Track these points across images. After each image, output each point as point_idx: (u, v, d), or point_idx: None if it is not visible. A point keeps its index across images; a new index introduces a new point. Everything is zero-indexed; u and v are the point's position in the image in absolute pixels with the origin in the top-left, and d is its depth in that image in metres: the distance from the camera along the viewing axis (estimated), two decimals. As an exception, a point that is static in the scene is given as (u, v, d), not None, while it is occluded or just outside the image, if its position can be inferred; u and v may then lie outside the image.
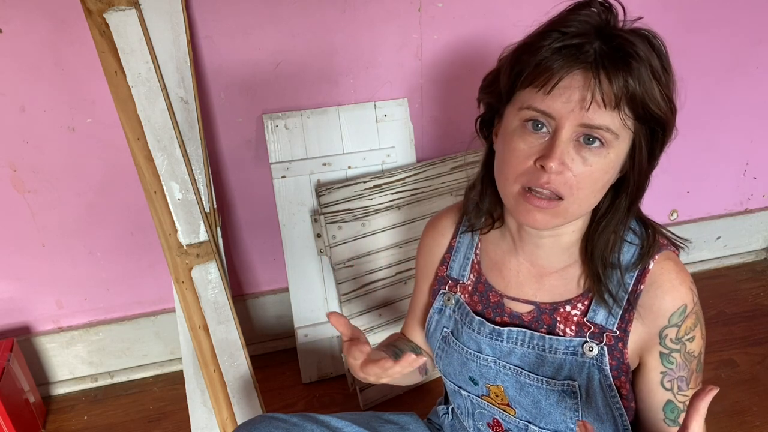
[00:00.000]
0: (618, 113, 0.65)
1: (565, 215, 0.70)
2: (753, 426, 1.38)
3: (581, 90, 0.65)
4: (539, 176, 0.68)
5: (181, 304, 1.31)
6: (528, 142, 0.69)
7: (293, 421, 0.88)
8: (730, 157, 1.83)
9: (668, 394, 0.76)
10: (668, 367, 0.75)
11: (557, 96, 0.65)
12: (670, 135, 0.70)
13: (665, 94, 0.66)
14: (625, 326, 0.75)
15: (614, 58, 0.64)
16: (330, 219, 1.39)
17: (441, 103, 1.52)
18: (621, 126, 0.66)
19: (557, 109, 0.66)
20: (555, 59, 0.65)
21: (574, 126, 0.66)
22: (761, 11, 1.61)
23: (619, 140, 0.67)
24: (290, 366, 1.62)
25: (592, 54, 0.64)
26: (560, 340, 0.77)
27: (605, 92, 0.64)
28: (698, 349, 0.76)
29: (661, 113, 0.66)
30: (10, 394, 1.34)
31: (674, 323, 0.73)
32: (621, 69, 0.63)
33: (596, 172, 0.67)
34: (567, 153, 0.67)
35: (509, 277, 0.82)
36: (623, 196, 0.73)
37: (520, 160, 0.69)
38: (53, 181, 1.38)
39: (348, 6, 1.35)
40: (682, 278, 0.74)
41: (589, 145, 0.67)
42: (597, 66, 0.64)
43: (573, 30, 0.65)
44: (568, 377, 0.77)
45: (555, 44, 0.65)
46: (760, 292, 1.85)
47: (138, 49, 1.21)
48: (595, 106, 0.64)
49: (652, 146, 0.70)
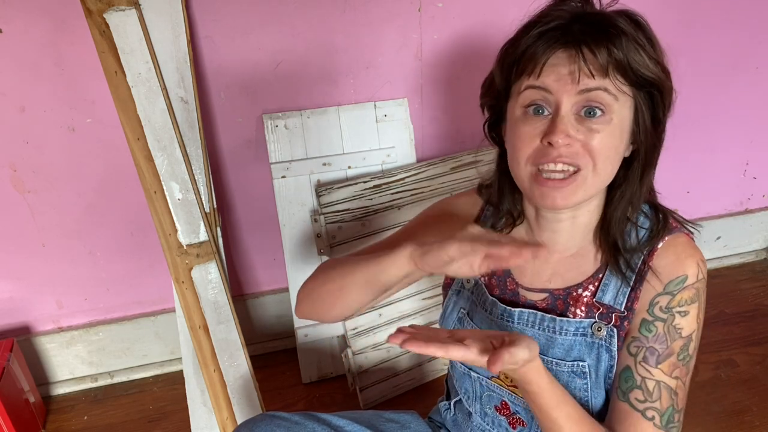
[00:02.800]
0: (610, 80, 0.68)
1: (585, 187, 0.71)
2: (753, 426, 1.38)
3: (568, 65, 0.68)
4: (549, 152, 0.70)
5: (181, 304, 1.31)
6: (532, 124, 0.71)
7: (294, 420, 0.88)
8: (730, 157, 1.83)
9: (629, 359, 0.75)
10: (643, 334, 0.74)
11: (547, 75, 0.69)
12: (669, 97, 0.72)
13: (654, 58, 0.69)
14: (632, 305, 0.75)
15: (594, 33, 0.67)
16: (330, 219, 1.39)
17: (441, 103, 1.53)
18: (617, 91, 0.68)
19: (550, 84, 0.69)
20: (538, 44, 0.69)
21: (572, 97, 0.68)
22: (761, 11, 1.61)
23: (618, 103, 0.69)
24: (290, 366, 1.62)
25: (572, 33, 0.68)
26: (570, 321, 0.78)
27: (591, 63, 0.67)
28: (689, 329, 0.73)
29: (654, 75, 0.69)
30: (10, 394, 1.34)
31: (669, 291, 0.73)
32: (603, 41, 0.66)
33: (605, 138, 0.69)
34: (571, 125, 0.69)
35: (526, 264, 0.83)
36: (635, 165, 0.74)
37: (528, 141, 0.71)
38: (53, 181, 1.38)
39: (348, 6, 1.35)
40: (690, 252, 0.75)
41: (591, 117, 0.69)
42: (578, 42, 0.67)
43: (552, 18, 0.69)
44: (577, 358, 0.77)
45: (536, 31, 0.69)
46: (760, 292, 1.85)
47: (138, 49, 1.21)
48: (584, 77, 0.67)
49: (654, 110, 0.72)
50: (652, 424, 0.73)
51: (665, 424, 0.73)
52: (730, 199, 1.91)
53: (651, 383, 0.73)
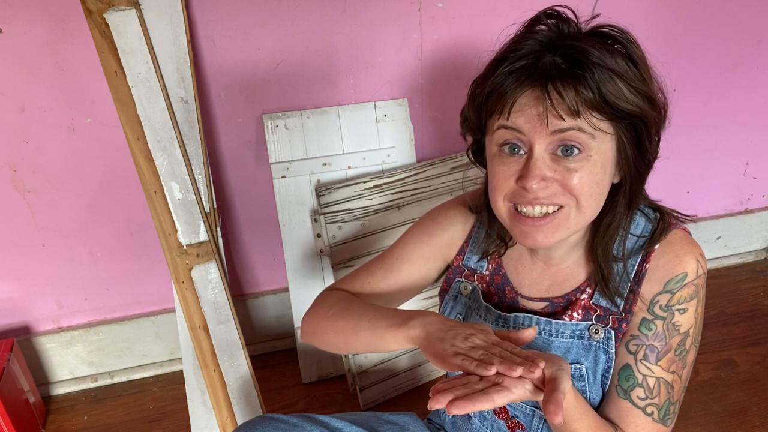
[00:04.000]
0: (584, 119, 0.64)
1: (568, 224, 0.69)
2: (753, 426, 1.38)
3: (537, 107, 0.65)
4: (525, 195, 0.68)
5: (181, 304, 1.31)
6: (507, 164, 0.69)
7: (293, 422, 0.88)
8: (730, 157, 1.83)
9: (629, 357, 0.74)
10: (643, 333, 0.73)
11: (517, 116, 0.66)
12: (655, 126, 0.68)
13: (635, 87, 0.64)
14: (630, 307, 0.75)
15: (563, 71, 0.63)
16: (330, 219, 1.39)
17: (441, 103, 1.52)
18: (593, 129, 0.65)
19: (521, 125, 0.66)
20: (506, 84, 0.66)
21: (545, 138, 0.66)
22: (761, 11, 1.61)
23: (597, 140, 0.66)
24: (290, 366, 1.62)
25: (540, 71, 0.64)
26: (567, 324, 0.77)
27: (558, 105, 0.63)
28: (687, 325, 0.73)
29: (633, 107, 0.65)
30: (10, 394, 1.34)
31: (669, 289, 0.73)
32: (571, 81, 0.63)
33: (584, 176, 0.67)
34: (547, 167, 0.67)
35: (523, 274, 0.83)
36: (621, 194, 0.73)
37: (503, 181, 0.70)
38: (53, 181, 1.38)
39: (348, 6, 1.35)
40: (689, 248, 0.74)
41: (568, 156, 0.66)
42: (546, 81, 0.64)
43: (523, 51, 0.66)
44: (575, 361, 0.77)
45: (506, 68, 0.66)
46: (760, 292, 1.85)
47: (138, 49, 1.21)
48: (553, 119, 0.64)
49: (638, 140, 0.68)
50: (651, 419, 0.73)
51: (662, 417, 0.74)
52: (730, 199, 1.91)
53: (652, 380, 0.73)
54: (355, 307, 0.81)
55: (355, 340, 0.77)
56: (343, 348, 0.83)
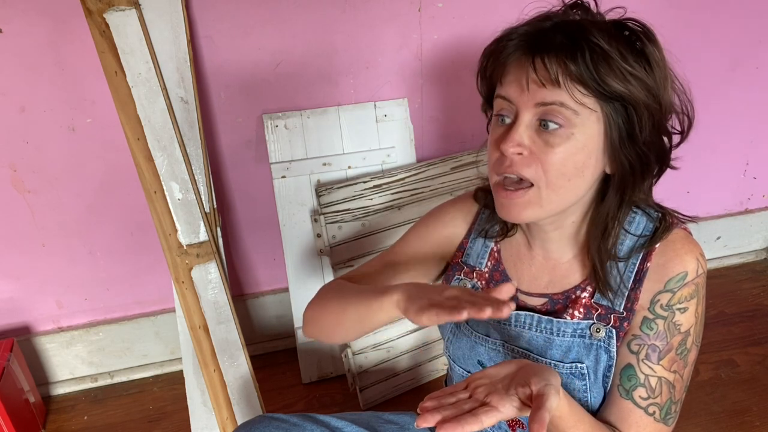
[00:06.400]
0: (567, 93, 0.65)
1: (540, 203, 0.70)
2: (753, 426, 1.38)
3: (524, 75, 0.67)
4: (502, 161, 0.70)
5: (181, 304, 1.31)
6: (496, 132, 0.71)
7: (293, 422, 0.88)
8: (730, 157, 1.83)
9: (631, 357, 0.74)
10: (644, 332, 0.74)
11: (510, 83, 0.68)
12: (649, 115, 0.67)
13: (628, 71, 0.64)
14: (631, 305, 0.75)
15: (556, 44, 0.64)
16: (330, 219, 1.39)
17: (441, 103, 1.53)
18: (577, 103, 0.65)
19: (511, 94, 0.68)
20: (506, 50, 0.69)
21: (530, 108, 0.67)
22: (761, 11, 1.61)
23: (581, 117, 0.66)
24: (290, 366, 1.62)
25: (536, 41, 0.66)
26: (568, 323, 0.77)
27: (540, 72, 0.65)
28: (687, 324, 0.73)
29: (622, 88, 0.64)
30: (10, 394, 1.34)
31: (669, 288, 0.73)
32: (560, 53, 0.64)
33: (560, 153, 0.67)
34: (527, 136, 0.68)
35: (523, 270, 0.83)
36: (611, 186, 0.72)
37: (492, 150, 0.72)
38: (53, 181, 1.38)
39: (348, 6, 1.35)
40: (689, 248, 0.74)
41: (548, 129, 0.67)
42: (533, 48, 0.66)
43: (530, 26, 0.68)
44: (576, 360, 0.77)
45: (504, 41, 0.69)
46: (760, 292, 1.85)
47: (138, 49, 1.21)
48: (533, 85, 0.66)
49: (629, 126, 0.67)
50: (653, 419, 0.73)
51: (664, 417, 0.74)
52: (730, 199, 1.91)
53: (654, 380, 0.73)
54: (345, 288, 0.83)
55: (346, 318, 0.77)
56: (337, 328, 0.81)
